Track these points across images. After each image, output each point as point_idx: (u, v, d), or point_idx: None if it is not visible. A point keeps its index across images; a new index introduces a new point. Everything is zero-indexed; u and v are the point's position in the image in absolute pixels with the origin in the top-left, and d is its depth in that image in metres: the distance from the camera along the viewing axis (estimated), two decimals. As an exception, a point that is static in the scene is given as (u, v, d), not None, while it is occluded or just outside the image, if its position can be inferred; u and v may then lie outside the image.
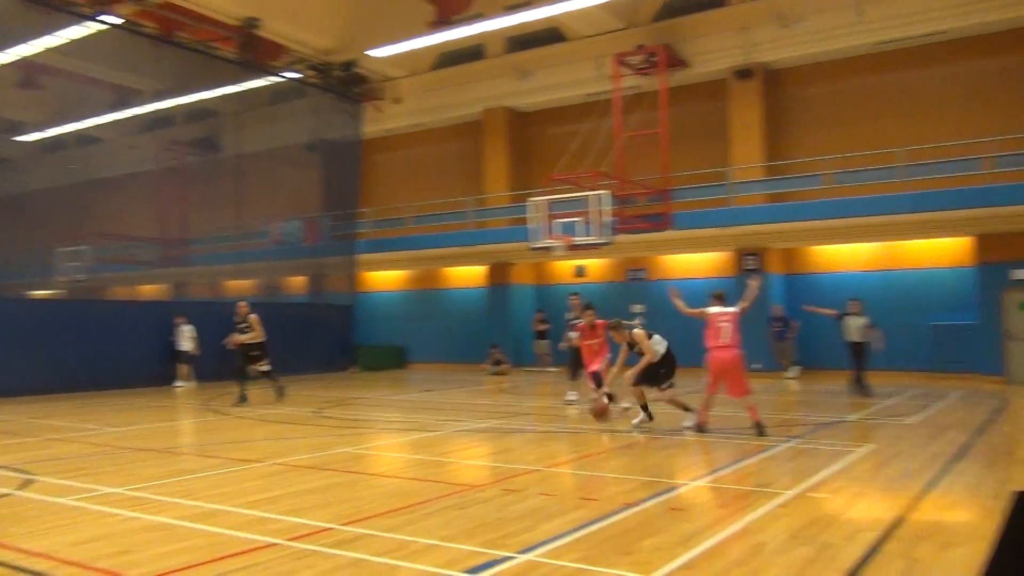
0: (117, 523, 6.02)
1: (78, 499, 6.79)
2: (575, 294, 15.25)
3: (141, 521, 6.03)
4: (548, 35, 24.03)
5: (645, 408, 11.09)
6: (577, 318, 13.94)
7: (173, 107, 29.34)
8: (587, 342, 12.55)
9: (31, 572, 4.78)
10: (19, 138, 33.25)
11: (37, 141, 33.76)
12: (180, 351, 19.48)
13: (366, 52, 24.11)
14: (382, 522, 5.88)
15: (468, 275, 26.50)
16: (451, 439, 10.45)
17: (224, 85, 25.68)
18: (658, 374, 10.86)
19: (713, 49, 21.61)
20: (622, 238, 19.94)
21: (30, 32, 21.96)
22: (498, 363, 22.90)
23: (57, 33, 21.52)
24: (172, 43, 22.56)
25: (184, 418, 13.70)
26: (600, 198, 18.14)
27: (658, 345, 10.93)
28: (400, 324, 27.26)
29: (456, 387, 18.86)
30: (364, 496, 6.98)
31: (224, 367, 19.88)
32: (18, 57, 23.87)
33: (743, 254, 21.18)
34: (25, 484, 7.47)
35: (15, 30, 21.99)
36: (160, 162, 31.37)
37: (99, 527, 5.92)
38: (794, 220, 19.26)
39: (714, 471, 8.07)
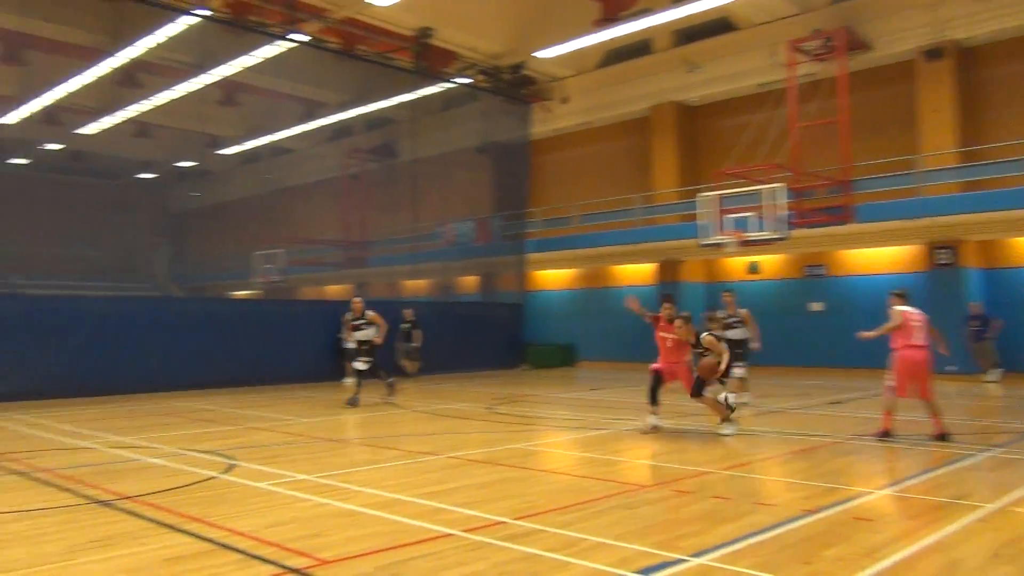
0: (308, 508, 6.45)
1: (273, 484, 7.33)
2: (729, 291, 14.57)
3: (330, 507, 6.43)
4: (717, 25, 23.38)
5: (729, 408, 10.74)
6: (731, 316, 13.48)
7: (354, 117, 31.01)
8: (661, 334, 11.46)
9: (234, 549, 5.22)
10: (221, 151, 36.33)
11: (236, 154, 36.70)
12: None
13: (534, 54, 24.46)
14: (553, 518, 5.95)
15: (637, 273, 26.26)
16: (620, 438, 10.41)
17: (400, 94, 26.85)
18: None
19: (898, 29, 20.24)
20: (799, 233, 19.09)
21: (229, 54, 23.97)
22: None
23: (252, 53, 23.33)
24: (353, 56, 23.87)
25: (365, 411, 14.44)
26: (775, 191, 17.47)
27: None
28: (569, 322, 27.42)
29: (625, 386, 18.75)
30: (535, 492, 7.09)
31: (389, 365, 20.80)
32: (220, 77, 26.08)
33: (934, 247, 19.69)
34: (228, 469, 8.16)
35: (217, 53, 24.07)
36: (343, 169, 33.33)
37: (292, 511, 6.37)
38: (993, 209, 17.72)
39: (902, 480, 7.56)
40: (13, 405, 14.63)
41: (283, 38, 22.00)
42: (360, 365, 14.55)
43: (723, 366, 10.26)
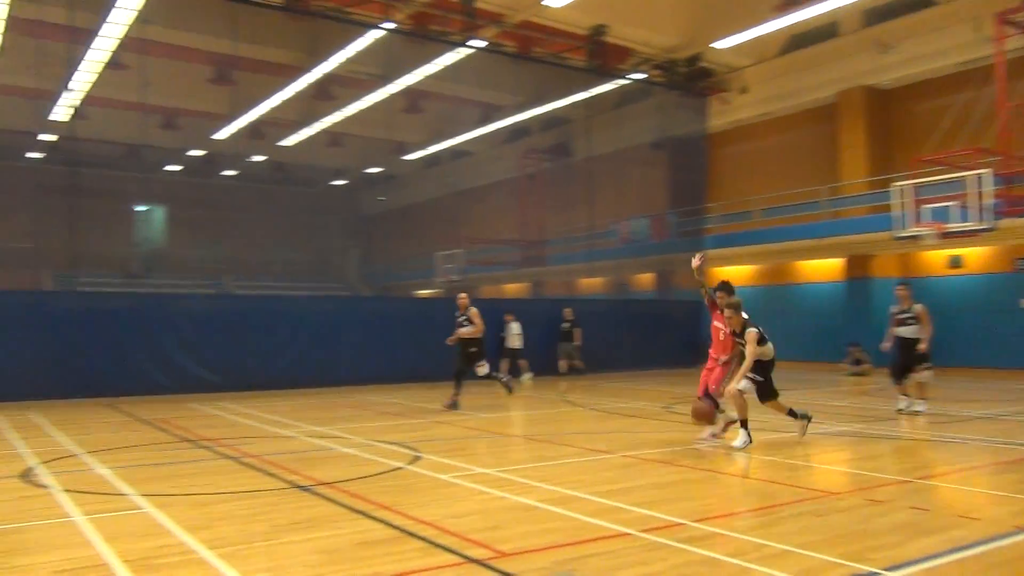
0: (488, 500, 6.64)
1: (455, 476, 7.60)
2: (904, 284, 13.18)
3: (508, 501, 6.58)
4: (913, 1, 21.78)
5: (745, 424, 9.36)
6: (905, 311, 12.28)
7: (530, 118, 31.52)
8: (716, 324, 10.36)
9: (419, 537, 5.46)
10: (405, 157, 38.07)
11: (420, 158, 38.33)
12: (508, 347, 20.33)
13: (711, 45, 23.82)
14: (734, 522, 5.79)
15: (822, 269, 24.95)
16: (806, 441, 9.94)
17: (575, 93, 27.00)
18: (756, 383, 9.34)
19: None
20: (1008, 222, 17.41)
21: (413, 63, 25.10)
22: (858, 362, 21.27)
23: (434, 61, 24.29)
24: (529, 58, 24.26)
25: (540, 408, 14.64)
26: (980, 178, 16.05)
27: (767, 348, 9.40)
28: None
29: (810, 387, 17.89)
30: (715, 494, 6.92)
31: (550, 364, 20.89)
32: (404, 86, 27.36)
33: None
34: (414, 460, 8.54)
35: (401, 63, 25.27)
36: (520, 169, 33.97)
37: (473, 503, 6.57)
38: None
39: None
40: (226, 395, 16.07)
41: (462, 45, 22.73)
42: (481, 369, 13.93)
43: (742, 370, 9.21)
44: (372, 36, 22.28)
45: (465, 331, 13.74)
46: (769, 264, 26.42)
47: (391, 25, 21.74)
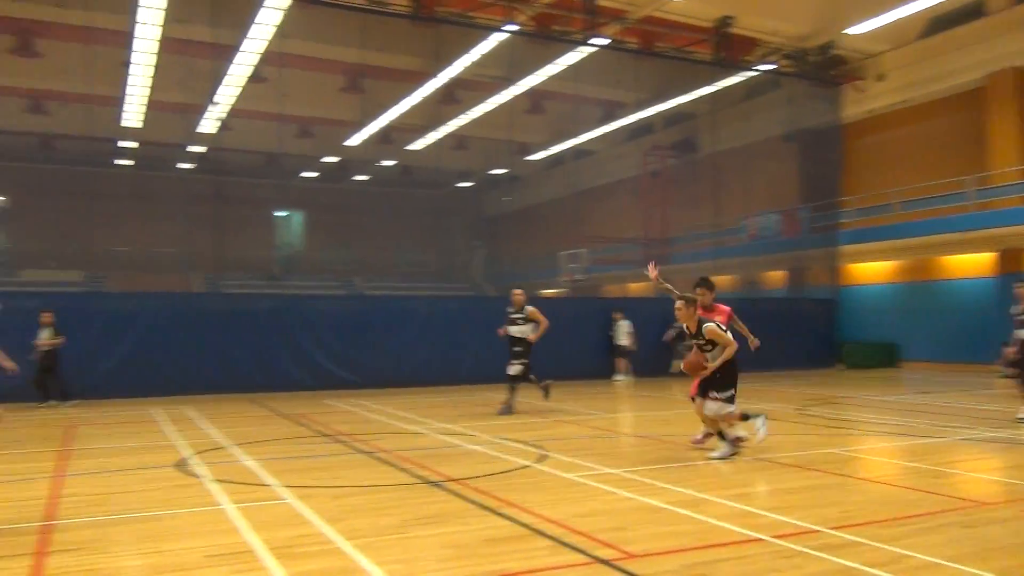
0: (615, 501, 6.60)
1: (581, 476, 7.60)
2: (1022, 282, 11.96)
3: (635, 501, 6.52)
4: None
5: (722, 435, 8.56)
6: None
7: (653, 114, 31.12)
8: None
9: (546, 536, 5.49)
10: (528, 157, 38.36)
11: (542, 159, 38.53)
12: (618, 345, 19.96)
13: (844, 31, 22.81)
14: (874, 531, 5.52)
15: (970, 264, 23.41)
16: (954, 448, 9.36)
17: (700, 87, 26.48)
18: (712, 379, 8.36)
19: None
20: None
21: (536, 64, 25.28)
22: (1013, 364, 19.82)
23: (556, 61, 24.38)
24: (651, 54, 23.96)
25: (667, 409, 14.42)
26: None
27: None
28: (891, 319, 25.12)
29: (959, 390, 16.86)
30: (853, 501, 6.62)
31: (659, 363, 20.37)
32: (527, 87, 27.60)
33: None
34: (540, 459, 8.60)
35: (524, 64, 25.49)
36: (643, 167, 33.59)
37: (599, 503, 6.56)
38: None
39: None
40: (359, 392, 16.68)
41: (584, 44, 22.70)
42: (515, 369, 12.75)
43: (712, 364, 8.32)
44: (495, 39, 22.58)
45: (518, 329, 12.86)
46: (909, 260, 25.01)
47: (514, 27, 21.97)
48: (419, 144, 35.17)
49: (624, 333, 19.98)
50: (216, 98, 27.31)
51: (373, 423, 12.07)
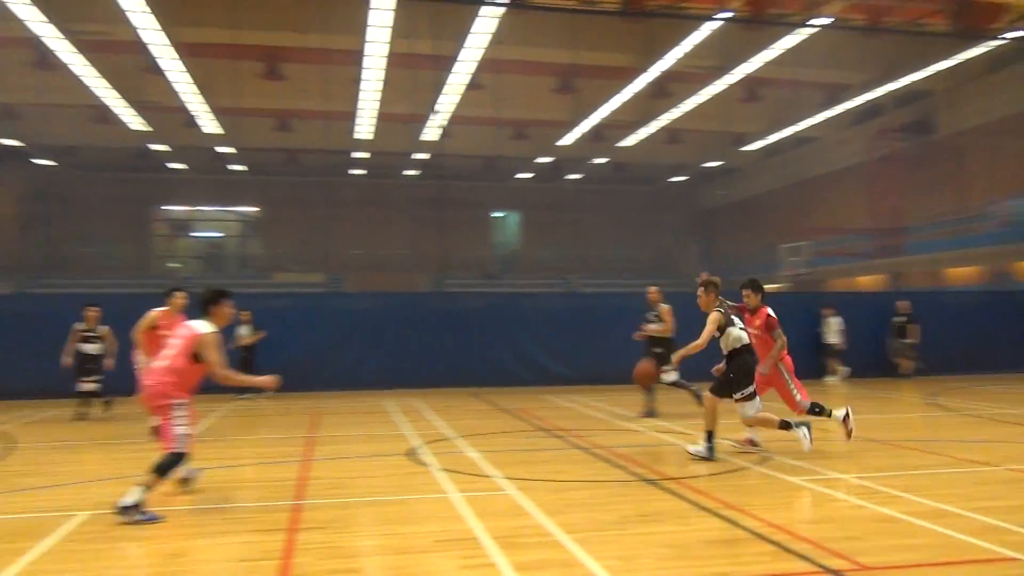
0: (844, 508, 6.26)
1: (807, 480, 7.26)
2: None
3: (867, 510, 6.14)
4: None
5: (710, 435, 8.26)
6: None
7: (882, 95, 28.99)
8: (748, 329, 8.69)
9: (769, 541, 5.31)
10: (744, 148, 37.06)
11: (759, 149, 37.07)
12: (828, 344, 18.43)
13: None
14: None
15: None
16: None
17: (935, 62, 24.36)
18: (728, 380, 8.40)
19: None
20: None
21: (751, 50, 24.40)
22: None
23: (773, 46, 23.38)
24: (880, 30, 22.31)
25: (903, 411, 13.41)
26: None
27: (733, 339, 8.43)
28: None
29: None
30: None
31: (878, 363, 18.62)
32: (742, 75, 26.69)
33: None
34: (763, 460, 8.31)
35: (739, 52, 24.67)
36: (870, 152, 31.38)
37: (828, 509, 6.25)
38: None
39: None
40: (576, 388, 16.90)
41: (804, 25, 21.59)
42: (668, 375, 11.83)
43: (676, 358, 8.64)
44: (708, 28, 22.04)
45: (653, 328, 12.31)
46: None
47: (727, 14, 21.31)
48: (631, 140, 35.07)
49: (834, 331, 18.65)
50: (437, 107, 28.83)
51: (590, 419, 12.23)
